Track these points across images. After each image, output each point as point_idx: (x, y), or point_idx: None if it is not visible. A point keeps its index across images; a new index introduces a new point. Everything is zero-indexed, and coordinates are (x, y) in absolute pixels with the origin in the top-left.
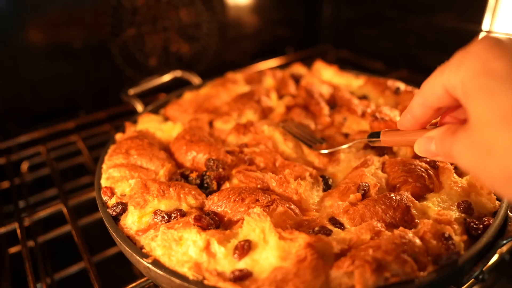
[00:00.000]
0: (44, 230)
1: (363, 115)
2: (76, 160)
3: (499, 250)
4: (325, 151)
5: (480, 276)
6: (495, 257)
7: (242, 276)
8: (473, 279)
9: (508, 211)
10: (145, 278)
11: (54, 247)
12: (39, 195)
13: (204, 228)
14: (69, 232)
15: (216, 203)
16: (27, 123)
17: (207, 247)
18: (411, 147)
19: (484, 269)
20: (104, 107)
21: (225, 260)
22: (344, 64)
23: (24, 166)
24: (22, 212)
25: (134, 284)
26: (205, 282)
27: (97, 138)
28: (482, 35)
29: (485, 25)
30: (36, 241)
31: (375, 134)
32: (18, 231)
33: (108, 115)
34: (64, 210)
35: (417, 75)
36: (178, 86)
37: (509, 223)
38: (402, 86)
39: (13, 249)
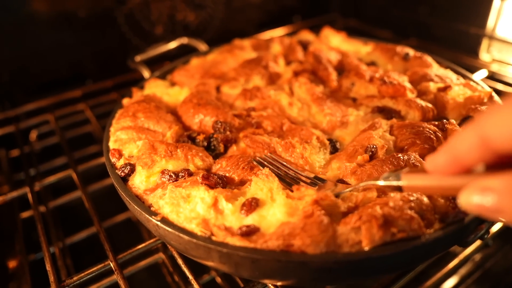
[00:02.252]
0: (55, 197)
1: (371, 80)
2: (85, 129)
3: None
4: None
5: (485, 236)
6: (499, 224)
7: (249, 232)
8: (480, 241)
9: None
10: (154, 239)
11: (65, 213)
12: (49, 163)
13: (212, 186)
14: (79, 198)
15: (224, 168)
16: (34, 92)
17: (214, 204)
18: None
19: (488, 236)
20: (111, 75)
21: (232, 216)
22: (352, 33)
23: (33, 134)
24: (32, 179)
25: (142, 245)
26: (213, 238)
27: (105, 106)
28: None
29: None
30: (47, 207)
31: (393, 175)
32: (30, 195)
33: (114, 84)
34: (74, 175)
35: (427, 44)
36: (184, 54)
37: None
38: (411, 52)
39: (25, 214)
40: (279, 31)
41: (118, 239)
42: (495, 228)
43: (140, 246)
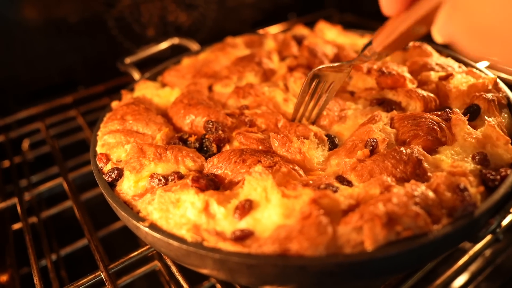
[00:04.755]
0: (48, 207)
1: (369, 72)
2: (78, 136)
3: None
4: None
5: (497, 230)
6: (509, 217)
7: (243, 236)
8: (490, 235)
9: None
10: (146, 247)
11: (61, 223)
12: (43, 173)
13: (202, 189)
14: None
15: (216, 165)
16: (25, 100)
17: (206, 208)
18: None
19: (499, 229)
20: (103, 80)
21: (225, 221)
22: (349, 28)
23: (25, 144)
24: (23, 189)
25: (135, 253)
26: (205, 243)
27: (97, 113)
28: None
29: None
30: (39, 217)
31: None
32: (18, 206)
33: (106, 88)
34: (65, 184)
35: (427, 35)
36: (177, 55)
37: None
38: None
39: (16, 226)
40: (274, 29)
41: (117, 247)
42: (506, 221)
43: (132, 255)
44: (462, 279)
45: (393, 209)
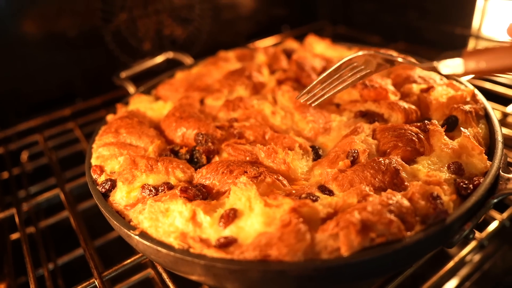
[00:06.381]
0: (47, 218)
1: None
2: (76, 148)
3: (499, 216)
4: None
5: (471, 236)
6: (495, 224)
7: (227, 243)
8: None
9: (500, 170)
10: (139, 255)
11: (59, 233)
12: (41, 184)
13: (190, 199)
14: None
15: (205, 176)
16: (24, 113)
17: (193, 217)
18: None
19: (484, 236)
20: (100, 93)
21: (210, 229)
22: (341, 40)
23: (24, 155)
24: (22, 200)
25: (128, 261)
26: (191, 250)
27: (94, 125)
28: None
29: None
30: (37, 227)
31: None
32: (16, 217)
33: (103, 101)
34: (61, 195)
35: (415, 47)
36: (172, 69)
37: (500, 182)
38: (394, 54)
39: (14, 235)
40: (268, 41)
41: (114, 256)
42: (491, 228)
43: (125, 262)
44: (451, 284)
45: (368, 217)
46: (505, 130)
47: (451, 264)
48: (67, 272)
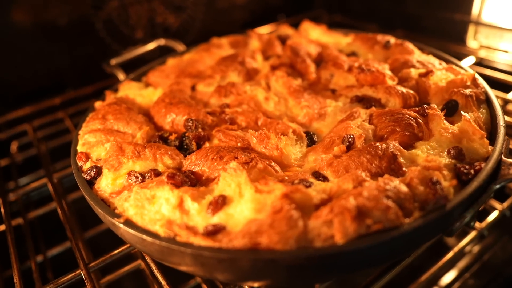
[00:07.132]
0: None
1: (350, 69)
2: (66, 138)
3: (499, 206)
4: None
5: (472, 223)
6: (495, 213)
7: (215, 231)
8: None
9: (502, 155)
10: (127, 245)
11: (50, 225)
12: (32, 175)
13: (177, 185)
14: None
15: (194, 162)
16: (13, 102)
17: (180, 204)
18: None
19: (484, 226)
20: (91, 82)
21: (198, 217)
22: (337, 27)
23: (14, 146)
24: (8, 191)
25: (116, 252)
26: (177, 238)
27: (85, 114)
28: None
29: None
30: (25, 219)
31: None
32: (2, 208)
33: (94, 90)
34: (49, 185)
35: (413, 34)
36: (163, 56)
37: (503, 167)
38: (392, 39)
39: (1, 227)
40: (263, 30)
41: (107, 248)
42: (491, 218)
43: (113, 253)
44: (450, 275)
45: (364, 203)
46: (506, 118)
47: (450, 255)
48: (57, 264)
